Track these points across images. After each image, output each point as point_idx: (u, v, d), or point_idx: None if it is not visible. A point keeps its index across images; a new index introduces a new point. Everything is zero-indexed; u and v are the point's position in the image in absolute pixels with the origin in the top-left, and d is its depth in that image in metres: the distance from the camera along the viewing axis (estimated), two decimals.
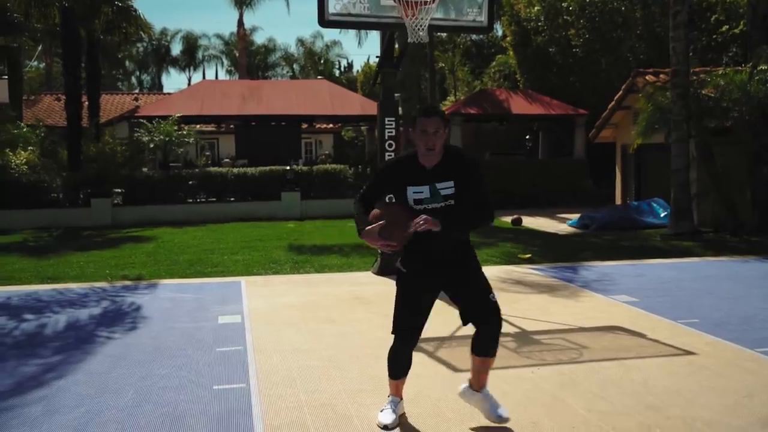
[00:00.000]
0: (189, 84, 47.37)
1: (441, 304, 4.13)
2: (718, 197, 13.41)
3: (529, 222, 15.37)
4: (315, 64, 50.14)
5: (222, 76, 50.95)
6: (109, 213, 16.39)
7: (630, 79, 16.61)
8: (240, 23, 43.59)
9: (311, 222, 16.04)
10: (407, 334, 3.92)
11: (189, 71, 51.30)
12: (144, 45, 45.69)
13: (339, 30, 43.52)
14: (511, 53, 26.25)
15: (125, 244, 12.56)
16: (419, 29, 7.84)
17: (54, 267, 9.96)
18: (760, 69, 12.59)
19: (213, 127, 27.73)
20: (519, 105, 21.43)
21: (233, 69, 49.58)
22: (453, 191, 3.67)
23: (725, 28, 20.15)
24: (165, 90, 46.86)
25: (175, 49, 50.12)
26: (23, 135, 17.99)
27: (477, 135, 23.01)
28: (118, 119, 24.40)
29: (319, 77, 38.15)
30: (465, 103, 22.63)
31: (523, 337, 5.87)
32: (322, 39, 50.60)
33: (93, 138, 18.18)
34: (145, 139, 18.25)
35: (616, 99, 17.34)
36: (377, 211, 3.74)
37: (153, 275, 9.21)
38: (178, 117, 18.64)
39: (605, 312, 6.82)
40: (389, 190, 3.91)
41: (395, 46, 9.45)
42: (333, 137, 32.66)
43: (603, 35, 22.55)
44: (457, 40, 35.34)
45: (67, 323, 6.62)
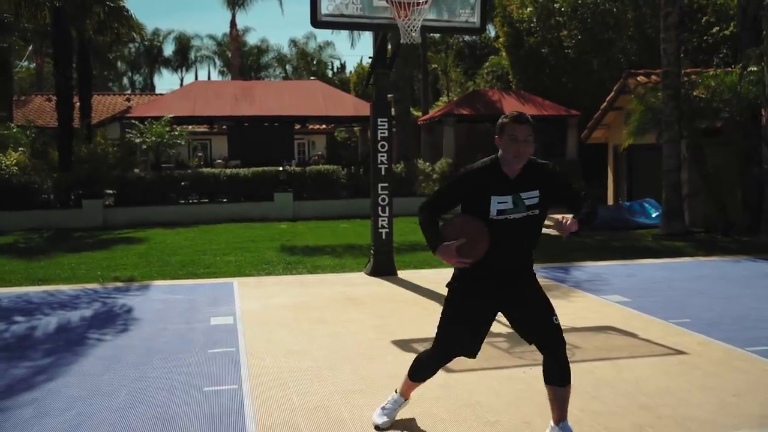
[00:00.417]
0: (181, 85, 47.31)
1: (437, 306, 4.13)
2: (709, 197, 13.47)
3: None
4: (308, 64, 50.14)
5: (214, 76, 50.91)
6: (101, 214, 16.32)
7: (622, 80, 16.67)
8: (233, 24, 43.54)
9: (304, 223, 16.02)
10: (446, 349, 3.72)
11: (181, 72, 51.24)
12: (136, 45, 45.54)
13: (332, 31, 43.62)
14: (504, 54, 26.31)
15: (117, 245, 12.51)
16: (412, 30, 7.86)
17: (45, 268, 9.91)
18: (749, 70, 12.66)
19: (205, 128, 27.69)
20: (512, 106, 21.46)
21: (226, 70, 49.52)
22: (537, 201, 3.53)
23: (716, 29, 20.24)
24: (157, 91, 46.76)
25: (168, 50, 50.07)
26: (13, 136, 17.90)
27: (470, 136, 23.04)
28: (109, 120, 24.34)
29: (312, 78, 38.16)
30: (458, 104, 22.67)
31: (516, 338, 5.84)
32: (315, 40, 50.64)
33: (84, 139, 18.08)
34: (137, 140, 18.20)
35: (608, 100, 17.40)
36: (453, 225, 3.51)
37: (145, 276, 9.18)
38: (170, 118, 18.59)
39: (597, 312, 6.83)
40: (466, 199, 3.57)
41: (388, 47, 9.46)
42: (326, 138, 32.64)
43: (595, 36, 22.63)
44: (450, 41, 35.43)
45: (58, 325, 6.58)
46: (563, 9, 23.21)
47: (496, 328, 6.11)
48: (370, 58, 14.63)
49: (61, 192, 16.66)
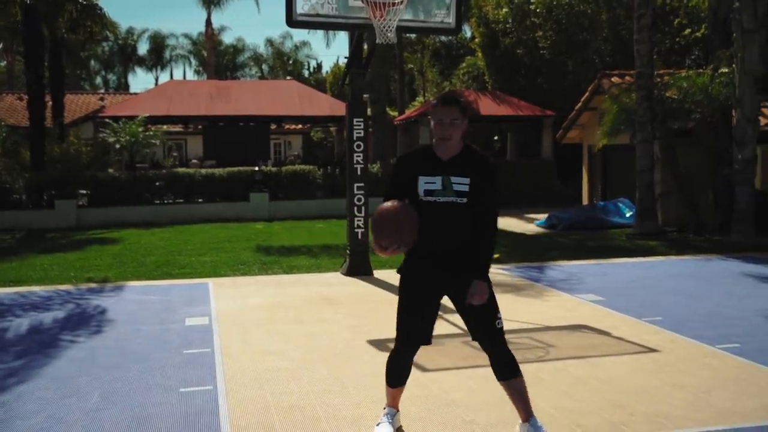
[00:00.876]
0: (156, 84, 46.84)
1: None
2: (681, 197, 13.67)
3: (498, 222, 15.47)
4: (284, 64, 49.96)
5: (190, 76, 50.54)
6: (74, 214, 16.12)
7: (596, 81, 16.85)
8: (208, 23, 43.24)
9: (280, 223, 15.96)
10: (406, 340, 3.69)
11: (156, 71, 50.79)
12: (109, 44, 45.02)
13: (308, 30, 43.44)
14: (480, 54, 26.44)
15: (90, 246, 12.37)
16: (388, 30, 7.87)
17: (16, 270, 9.76)
18: (720, 72, 12.87)
19: (180, 128, 27.43)
20: (487, 106, 21.58)
21: (201, 69, 49.17)
22: (467, 189, 3.49)
23: (688, 31, 20.56)
24: (131, 90, 46.32)
25: (142, 49, 49.62)
26: None
27: None
28: (82, 119, 24.03)
29: (288, 78, 38.04)
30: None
31: None
32: (291, 39, 50.49)
33: (57, 138, 17.85)
34: (111, 140, 17.99)
35: (582, 100, 17.57)
36: (384, 211, 3.46)
37: (119, 277, 9.09)
38: (144, 117, 18.41)
39: (571, 311, 6.90)
40: (406, 180, 3.57)
41: (364, 47, 9.47)
42: (302, 138, 32.55)
43: (570, 37, 22.84)
44: (426, 41, 35.54)
45: (30, 327, 6.49)
46: (538, 10, 23.41)
47: None
48: (346, 58, 14.65)
49: (33, 192, 16.43)
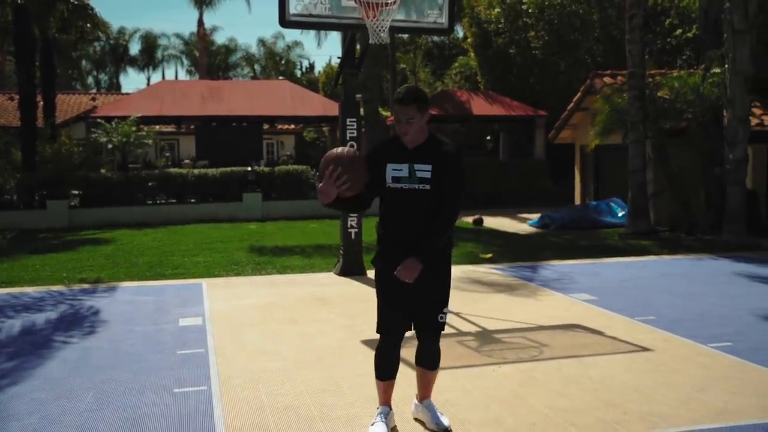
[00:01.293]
0: (148, 84, 46.68)
1: None
2: (673, 197, 13.73)
3: (491, 222, 15.52)
4: (276, 64, 49.87)
5: (182, 76, 50.39)
6: (66, 215, 16.05)
7: (588, 81, 16.89)
8: (200, 23, 43.14)
9: (273, 223, 15.94)
10: (390, 330, 3.76)
11: (148, 71, 50.60)
12: (101, 44, 44.85)
13: (300, 31, 43.40)
14: (472, 55, 26.48)
15: (83, 246, 12.32)
16: (380, 30, 7.86)
17: (8, 270, 9.72)
18: (712, 72, 12.93)
19: (173, 128, 27.37)
20: (480, 106, 21.62)
21: (193, 69, 49.02)
22: (429, 176, 3.61)
23: (679, 31, 20.63)
24: (123, 90, 46.12)
25: (134, 49, 49.43)
26: None
27: None
28: (74, 119, 23.92)
29: (281, 78, 37.99)
30: None
31: (485, 336, 5.93)
32: (283, 39, 50.39)
33: (48, 138, 17.77)
34: (103, 140, 17.93)
35: (574, 100, 17.62)
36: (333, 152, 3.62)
37: (112, 278, 9.06)
38: (137, 117, 18.35)
39: (565, 310, 6.92)
40: (376, 169, 3.70)
41: (357, 47, 9.46)
42: (294, 138, 32.49)
43: (562, 37, 22.90)
44: (419, 41, 35.53)
45: (23, 328, 6.47)
46: (530, 10, 23.45)
47: (465, 327, 6.19)
48: (338, 58, 14.63)
49: (25, 192, 16.36)
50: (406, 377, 4.24)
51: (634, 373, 4.87)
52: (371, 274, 8.92)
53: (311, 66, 53.51)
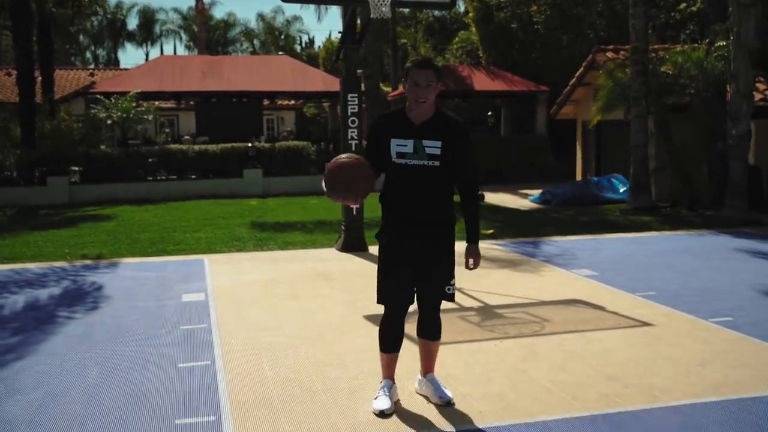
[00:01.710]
0: (146, 60, 46.41)
1: None
2: (675, 172, 13.70)
3: (492, 198, 15.51)
4: (276, 39, 49.51)
5: (180, 51, 50.12)
6: (67, 191, 16.05)
7: (591, 56, 16.77)
8: None
9: (274, 199, 15.94)
10: (393, 302, 3.75)
11: (146, 46, 50.31)
12: (99, 18, 44.52)
13: (300, 5, 43.00)
14: (474, 29, 26.26)
15: (84, 222, 12.33)
16: (382, 5, 7.80)
17: (10, 247, 9.74)
18: (716, 46, 12.82)
19: (172, 104, 27.25)
20: (481, 81, 21.49)
21: (192, 44, 48.74)
22: (439, 152, 3.58)
23: (683, 5, 20.41)
24: (122, 65, 45.94)
25: (132, 24, 49.09)
26: None
27: None
28: (73, 95, 23.80)
29: (280, 53, 37.71)
30: None
31: (487, 311, 5.95)
32: (283, 14, 50.23)
33: (47, 114, 17.68)
34: (103, 116, 17.85)
35: (577, 75, 17.51)
36: (336, 165, 3.53)
37: (114, 254, 9.08)
38: (136, 93, 18.26)
39: (566, 286, 6.94)
40: (380, 143, 3.67)
41: (357, 21, 9.37)
42: (295, 114, 32.35)
43: (564, 12, 22.68)
44: (420, 16, 35.25)
45: (26, 303, 6.50)
46: None
47: (467, 302, 6.21)
48: (339, 32, 14.52)
49: (25, 169, 16.33)
50: (408, 352, 4.26)
51: (634, 348, 4.90)
52: (373, 249, 8.97)
53: (311, 41, 53.22)
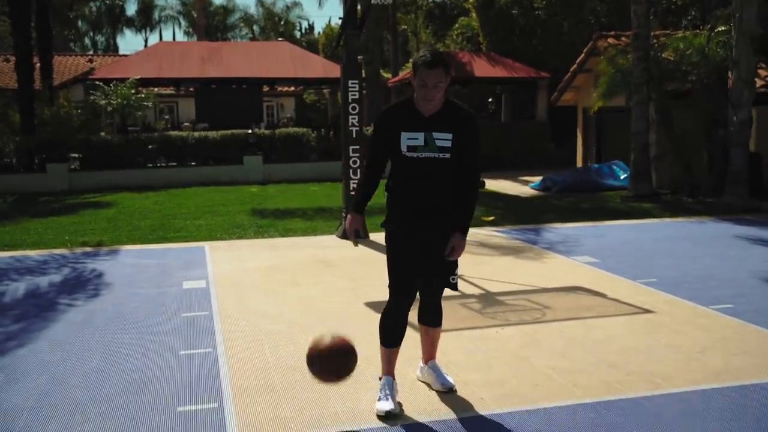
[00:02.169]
0: (146, 45, 46.22)
1: None
2: (676, 159, 13.67)
3: (492, 184, 15.49)
4: (275, 25, 49.27)
5: (180, 37, 49.90)
6: (67, 178, 16.02)
7: (592, 42, 16.70)
8: None
9: (274, 186, 15.92)
10: (399, 294, 3.68)
11: (145, 32, 50.12)
12: (97, 4, 44.28)
13: None
14: (474, 15, 26.11)
15: (84, 209, 12.31)
16: None
17: (10, 234, 9.73)
18: (717, 31, 12.75)
19: (172, 90, 27.14)
20: (482, 68, 21.40)
21: (191, 30, 48.48)
22: (450, 144, 3.53)
23: None
24: (121, 52, 45.68)
25: (130, 9, 48.98)
26: None
27: None
28: (72, 81, 23.71)
29: (280, 39, 37.53)
30: None
31: (488, 298, 5.96)
32: (283, 0, 49.70)
33: (47, 101, 17.63)
34: (102, 103, 17.79)
35: (578, 62, 17.44)
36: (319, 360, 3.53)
37: (114, 241, 9.07)
38: (135, 80, 18.18)
39: (567, 273, 6.94)
40: (387, 137, 3.60)
41: (358, 7, 9.32)
42: (295, 100, 32.24)
43: None
44: (420, 1, 35.05)
45: (27, 291, 6.50)
46: None
47: (468, 289, 6.21)
48: (340, 18, 14.46)
49: (24, 155, 16.29)
50: (409, 339, 4.25)
51: (636, 335, 4.90)
52: (374, 237, 8.96)
53: (311, 27, 53.01)
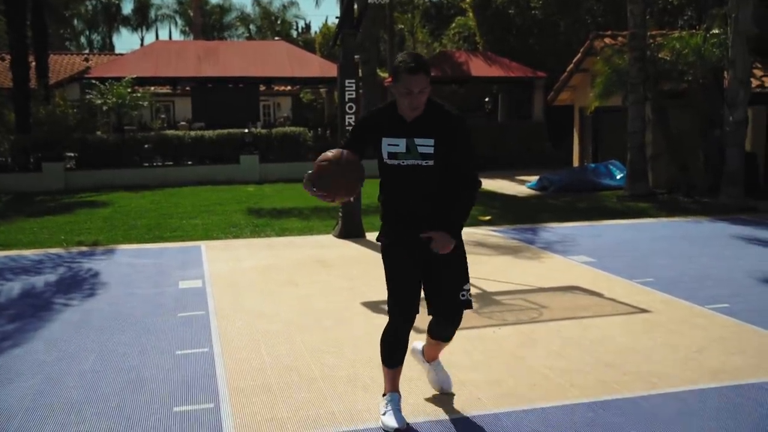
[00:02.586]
0: (142, 45, 46.11)
1: None
2: (672, 159, 13.69)
3: (489, 184, 15.48)
4: (272, 24, 49.18)
5: (176, 36, 49.78)
6: (62, 177, 15.98)
7: (588, 42, 16.70)
8: None
9: (270, 185, 15.90)
10: (400, 311, 3.41)
11: (141, 31, 49.96)
12: (93, 3, 44.16)
13: None
14: (471, 15, 26.10)
15: (80, 209, 12.28)
16: None
17: (5, 233, 9.70)
18: (713, 32, 12.78)
19: (168, 89, 27.10)
20: (478, 67, 21.40)
21: (187, 29, 48.37)
22: (432, 150, 3.28)
23: None
24: (117, 50, 45.56)
25: (126, 8, 48.92)
26: None
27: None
28: (68, 80, 23.64)
29: (277, 38, 37.48)
30: None
31: (485, 298, 5.95)
32: None
33: (42, 100, 17.57)
34: (98, 102, 17.75)
35: (574, 61, 17.44)
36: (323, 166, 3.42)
37: (110, 240, 9.05)
38: (131, 78, 18.14)
39: (564, 272, 6.95)
40: (368, 139, 3.43)
41: (355, 7, 9.31)
42: (291, 100, 32.20)
43: None
44: (417, 1, 35.04)
45: (22, 290, 6.47)
46: None
47: None
48: (336, 18, 14.40)
49: (20, 154, 16.24)
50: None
51: (632, 334, 4.91)
52: (370, 236, 8.97)
53: (307, 26, 52.82)
